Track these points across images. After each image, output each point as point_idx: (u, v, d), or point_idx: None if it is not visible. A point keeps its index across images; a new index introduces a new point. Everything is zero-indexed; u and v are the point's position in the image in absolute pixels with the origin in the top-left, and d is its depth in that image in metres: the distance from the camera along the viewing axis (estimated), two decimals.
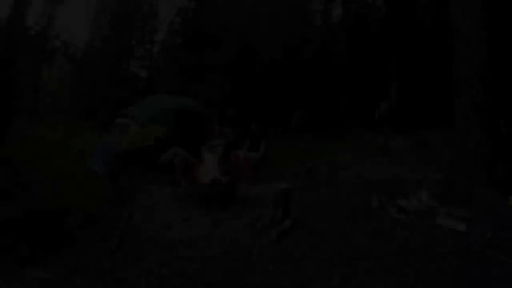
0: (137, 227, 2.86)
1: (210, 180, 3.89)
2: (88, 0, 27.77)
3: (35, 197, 2.62)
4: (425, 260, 2.26)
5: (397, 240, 2.63)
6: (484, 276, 0.63)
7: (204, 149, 5.20)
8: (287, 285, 1.93)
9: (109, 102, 18.79)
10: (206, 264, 2.18)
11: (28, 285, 1.86)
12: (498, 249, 0.73)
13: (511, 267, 0.66)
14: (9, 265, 2.01)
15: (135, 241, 2.53)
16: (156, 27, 21.76)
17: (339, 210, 3.50)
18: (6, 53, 6.97)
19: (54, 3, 16.61)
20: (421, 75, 13.16)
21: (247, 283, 1.94)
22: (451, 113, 4.07)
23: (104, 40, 20.93)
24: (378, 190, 4.39)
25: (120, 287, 1.88)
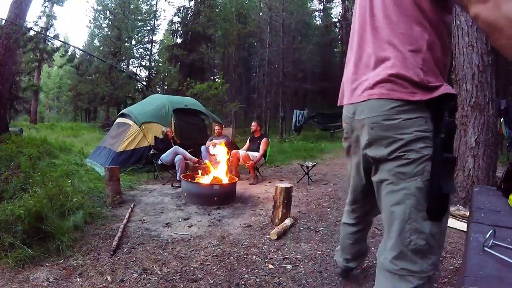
0: (137, 226, 2.87)
1: (210, 180, 3.90)
2: (88, 0, 27.75)
3: (35, 196, 2.62)
4: None
5: None
6: (484, 276, 0.63)
7: (204, 148, 5.21)
8: (287, 284, 1.93)
9: (109, 102, 18.82)
10: (206, 264, 2.19)
11: (28, 286, 1.86)
12: (498, 249, 0.73)
13: (511, 267, 0.66)
14: (9, 265, 2.01)
15: (135, 241, 2.54)
16: (156, 27, 21.71)
17: (339, 209, 3.50)
18: (5, 53, 6.97)
19: (53, 2, 16.60)
20: None
21: (247, 282, 1.94)
22: None
23: (103, 39, 20.88)
24: None
25: (120, 287, 1.88)
